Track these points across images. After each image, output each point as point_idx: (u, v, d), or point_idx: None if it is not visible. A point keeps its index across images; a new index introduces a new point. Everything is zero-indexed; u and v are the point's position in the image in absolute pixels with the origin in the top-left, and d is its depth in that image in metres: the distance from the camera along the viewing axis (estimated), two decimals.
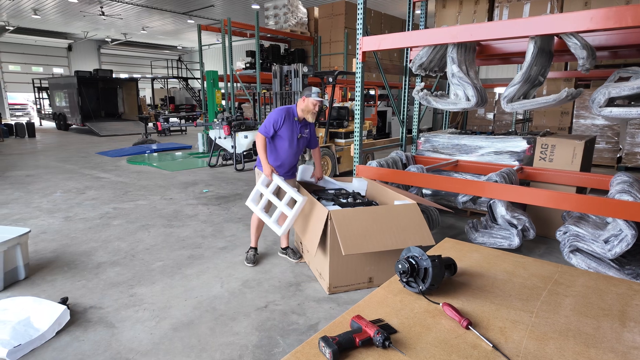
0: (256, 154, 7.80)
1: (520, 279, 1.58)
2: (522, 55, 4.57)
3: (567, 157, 4.07)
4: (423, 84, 3.90)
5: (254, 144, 7.46)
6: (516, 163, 4.43)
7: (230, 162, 8.12)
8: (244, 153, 7.53)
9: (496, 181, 3.59)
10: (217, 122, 7.33)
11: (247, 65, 12.25)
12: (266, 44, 12.55)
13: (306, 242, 3.08)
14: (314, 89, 3.20)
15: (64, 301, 2.70)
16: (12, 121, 17.86)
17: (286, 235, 3.54)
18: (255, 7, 15.35)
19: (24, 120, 16.91)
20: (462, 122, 13.04)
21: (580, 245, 3.24)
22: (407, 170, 4.07)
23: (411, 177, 3.87)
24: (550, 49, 3.45)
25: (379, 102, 13.85)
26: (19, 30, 20.84)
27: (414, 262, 1.38)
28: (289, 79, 7.01)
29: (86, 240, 4.06)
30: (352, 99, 11.36)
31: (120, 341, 2.41)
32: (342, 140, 7.30)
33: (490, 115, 12.19)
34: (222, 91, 10.06)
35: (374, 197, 3.73)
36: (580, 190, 4.16)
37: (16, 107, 23.98)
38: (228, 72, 9.96)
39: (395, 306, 1.36)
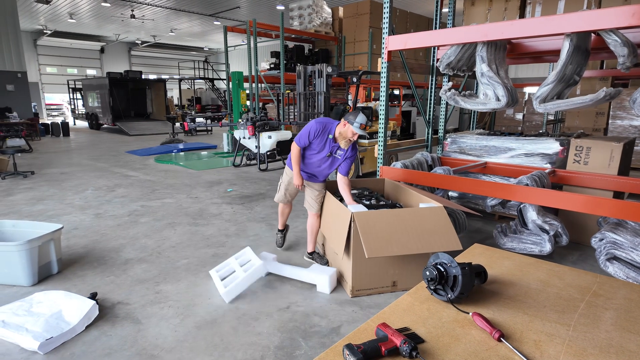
0: (280, 155, 7.86)
1: (555, 289, 1.50)
2: (555, 53, 4.39)
3: (604, 160, 3.87)
4: (451, 83, 3.80)
5: (278, 144, 7.50)
6: (548, 166, 4.25)
7: (254, 162, 8.20)
8: (268, 153, 7.59)
9: (527, 184, 3.45)
10: (242, 122, 7.41)
11: (272, 65, 12.34)
12: (290, 44, 12.61)
13: (332, 244, 3.06)
14: (360, 118, 2.91)
15: (93, 296, 2.78)
16: (48, 121, 18.71)
17: (313, 240, 3.51)
18: (280, 7, 15.47)
19: (59, 119, 17.68)
20: (489, 123, 12.70)
21: (618, 254, 3.07)
22: (433, 172, 3.98)
23: (437, 179, 3.78)
24: (587, 46, 3.29)
25: (403, 102, 13.66)
26: (56, 34, 21.85)
27: (442, 269, 1.33)
28: (313, 80, 7.00)
29: (115, 237, 4.18)
30: (376, 99, 11.25)
31: (145, 337, 2.45)
32: (366, 141, 7.24)
33: (519, 116, 11.80)
34: (247, 92, 10.18)
35: (398, 199, 3.66)
36: (618, 195, 3.95)
37: (52, 107, 25.13)
38: (253, 73, 10.06)
39: (423, 314, 1.31)
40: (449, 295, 1.33)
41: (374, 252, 2.60)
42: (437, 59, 4.89)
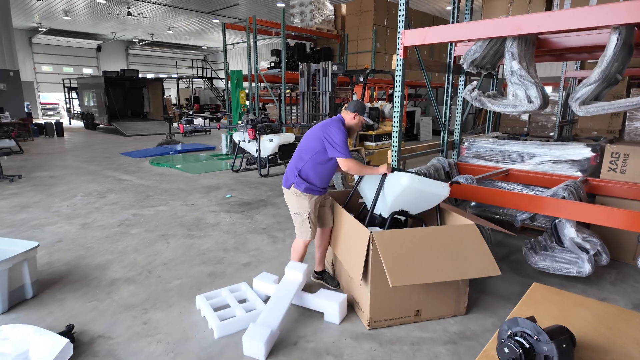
0: (282, 159, 7.40)
1: None
2: (579, 50, 4.02)
3: None
4: (475, 82, 3.42)
5: (280, 148, 7.09)
6: (579, 174, 3.87)
7: (254, 166, 7.76)
8: (269, 157, 7.16)
9: (563, 197, 3.07)
10: (242, 124, 7.00)
11: (272, 64, 11.94)
12: (291, 42, 12.21)
13: (346, 267, 2.67)
14: (366, 107, 2.85)
15: (69, 329, 2.39)
16: (43, 120, 18.26)
17: (324, 257, 3.12)
18: (280, 5, 15.05)
19: (54, 119, 17.24)
20: (494, 124, 12.30)
21: None
22: (455, 181, 3.59)
23: (461, 189, 3.39)
24: (632, 42, 2.91)
25: (406, 102, 13.29)
26: (51, 32, 21.38)
27: (527, 345, 0.95)
28: (317, 79, 6.61)
29: (102, 252, 3.78)
30: (380, 99, 10.86)
31: None
32: (372, 144, 6.85)
33: (524, 117, 11.41)
34: (247, 91, 9.78)
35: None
36: None
37: (48, 106, 24.66)
38: (253, 72, 9.67)
39: None
40: None
41: (400, 279, 2.21)
42: (455, 56, 4.51)
